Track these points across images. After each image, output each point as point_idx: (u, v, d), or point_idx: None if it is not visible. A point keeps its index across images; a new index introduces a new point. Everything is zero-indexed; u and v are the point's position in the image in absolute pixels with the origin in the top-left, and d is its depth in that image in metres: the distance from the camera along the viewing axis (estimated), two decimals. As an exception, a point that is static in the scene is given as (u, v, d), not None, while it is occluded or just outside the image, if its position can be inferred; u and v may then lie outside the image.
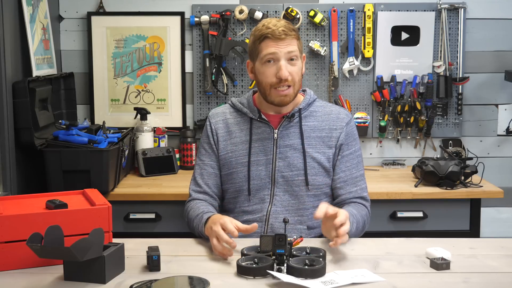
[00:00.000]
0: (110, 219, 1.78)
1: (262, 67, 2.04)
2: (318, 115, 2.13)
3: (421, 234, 2.68)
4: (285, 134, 2.10)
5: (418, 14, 3.24)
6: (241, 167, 2.11)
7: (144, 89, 3.30)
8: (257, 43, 2.03)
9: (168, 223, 2.80)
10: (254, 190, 2.10)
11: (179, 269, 1.71)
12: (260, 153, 2.10)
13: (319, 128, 2.11)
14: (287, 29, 2.01)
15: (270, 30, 2.00)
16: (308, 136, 2.10)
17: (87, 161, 2.64)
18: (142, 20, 3.26)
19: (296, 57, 2.03)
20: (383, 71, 3.26)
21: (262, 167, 2.09)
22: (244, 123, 2.14)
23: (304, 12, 3.22)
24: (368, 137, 3.32)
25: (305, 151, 2.08)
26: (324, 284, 1.56)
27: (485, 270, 1.71)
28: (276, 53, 2.00)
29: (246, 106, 2.15)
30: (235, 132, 2.14)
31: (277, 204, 2.08)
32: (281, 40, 1.99)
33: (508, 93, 3.32)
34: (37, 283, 1.61)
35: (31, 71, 2.72)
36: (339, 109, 2.17)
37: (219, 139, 2.15)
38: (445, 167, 2.79)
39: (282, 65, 2.00)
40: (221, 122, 2.17)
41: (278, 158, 2.09)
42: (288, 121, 2.10)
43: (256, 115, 2.11)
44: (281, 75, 2.00)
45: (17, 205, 1.80)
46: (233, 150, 2.13)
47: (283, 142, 2.10)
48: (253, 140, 2.11)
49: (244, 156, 2.11)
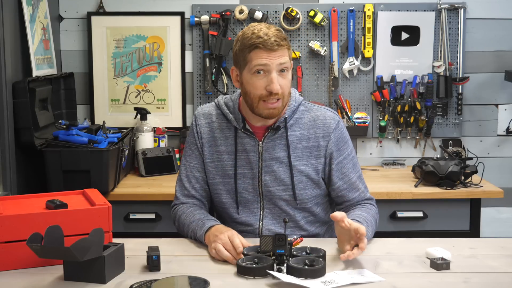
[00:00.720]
0: (110, 219, 1.78)
1: (251, 77, 1.90)
2: (304, 122, 2.02)
3: (421, 234, 2.68)
4: (270, 146, 2.00)
5: (418, 14, 3.24)
6: (228, 179, 2.03)
7: (144, 89, 3.30)
8: (246, 52, 1.89)
9: (168, 223, 2.79)
10: (243, 203, 2.04)
11: (179, 269, 1.70)
12: (246, 166, 2.01)
13: (306, 138, 2.01)
14: (279, 39, 1.88)
15: (261, 40, 1.86)
16: (294, 148, 2.00)
17: (87, 161, 2.64)
18: (142, 20, 3.26)
19: (287, 68, 1.91)
20: (383, 71, 3.26)
21: (249, 180, 2.02)
22: (228, 130, 2.03)
23: (304, 12, 3.22)
24: (368, 137, 3.32)
25: (292, 165, 1.99)
26: (324, 284, 1.56)
27: (485, 270, 1.71)
28: (267, 64, 1.87)
29: (232, 111, 2.02)
30: (219, 139, 2.05)
31: (268, 217, 2.04)
32: (273, 51, 1.86)
33: (508, 93, 3.32)
34: (37, 283, 1.61)
35: (31, 71, 2.72)
36: (325, 112, 2.04)
37: (204, 144, 2.06)
38: (445, 167, 2.79)
39: (273, 77, 1.87)
40: (206, 126, 2.06)
41: (264, 172, 2.00)
42: (273, 133, 1.99)
43: (240, 125, 2.00)
44: (272, 89, 1.87)
45: (17, 205, 1.80)
46: (219, 159, 2.04)
47: (269, 155, 2.00)
48: (238, 151, 2.01)
49: (231, 168, 2.02)
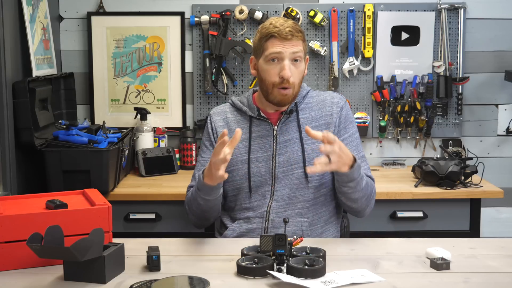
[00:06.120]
0: (110, 219, 1.78)
1: (265, 65, 2.05)
2: (313, 105, 2.16)
3: (421, 234, 2.68)
4: (284, 129, 2.12)
5: (418, 14, 3.24)
6: (241, 164, 2.12)
7: (144, 89, 3.30)
8: (262, 41, 2.05)
9: (168, 223, 2.80)
10: (255, 187, 2.11)
11: (179, 269, 1.71)
12: (260, 150, 2.12)
13: (316, 118, 2.13)
14: (294, 30, 2.02)
15: (277, 29, 2.01)
16: None
17: (87, 161, 2.64)
18: (142, 20, 3.26)
19: (300, 58, 2.05)
20: (383, 71, 3.26)
21: (262, 163, 2.11)
22: (244, 121, 2.16)
23: (304, 12, 3.22)
24: (368, 137, 3.32)
25: (303, 143, 2.10)
26: (324, 284, 1.56)
27: (485, 270, 1.71)
28: (281, 52, 2.01)
29: (246, 104, 2.17)
30: (235, 130, 2.14)
31: (277, 200, 2.09)
32: (287, 40, 2.01)
33: (508, 93, 3.32)
34: (37, 283, 1.61)
35: (31, 71, 2.72)
36: (332, 94, 2.19)
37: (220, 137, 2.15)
38: (445, 167, 2.79)
39: (285, 64, 2.01)
40: (221, 121, 2.20)
41: (278, 154, 2.11)
42: (286, 117, 2.12)
43: (255, 113, 2.13)
44: (284, 75, 2.01)
45: (17, 205, 1.80)
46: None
47: (283, 138, 2.12)
48: (252, 138, 2.13)
49: (244, 154, 2.12)
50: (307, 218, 2.09)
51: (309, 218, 2.09)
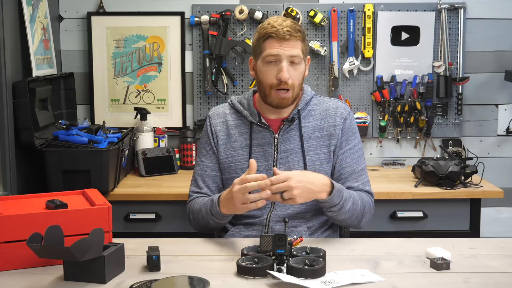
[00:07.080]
0: (110, 219, 1.78)
1: (263, 66, 2.00)
2: (316, 113, 2.09)
3: (421, 234, 2.68)
4: (285, 138, 2.07)
5: (418, 14, 3.24)
6: (241, 172, 2.05)
7: (144, 89, 3.30)
8: (260, 41, 2.00)
9: (168, 223, 2.80)
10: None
11: (179, 269, 1.70)
12: (260, 159, 2.06)
13: (319, 127, 2.08)
14: (292, 30, 1.96)
15: (274, 29, 1.96)
16: (308, 138, 2.07)
17: (87, 161, 2.64)
18: (142, 20, 3.26)
19: (300, 60, 2.00)
20: (383, 71, 3.26)
21: (263, 173, 2.02)
22: (244, 126, 2.11)
23: (304, 12, 3.22)
24: (368, 137, 3.32)
25: (305, 154, 2.06)
26: (324, 284, 1.56)
27: (485, 270, 1.71)
28: (278, 55, 1.96)
29: (246, 108, 2.11)
30: (235, 135, 2.11)
31: (278, 209, 2.06)
32: (285, 40, 1.95)
33: (508, 93, 3.33)
34: (37, 283, 1.61)
35: (31, 71, 2.72)
36: (337, 103, 2.12)
37: (219, 142, 2.12)
38: (445, 167, 2.79)
39: (283, 66, 1.96)
40: (221, 124, 2.14)
41: (279, 163, 2.06)
42: (288, 125, 2.07)
43: (256, 119, 2.07)
44: (281, 77, 1.96)
45: (17, 205, 1.80)
46: (233, 154, 2.10)
47: (284, 147, 2.06)
48: (253, 145, 2.08)
49: (245, 162, 2.07)
50: (307, 227, 2.06)
51: (309, 228, 2.07)
